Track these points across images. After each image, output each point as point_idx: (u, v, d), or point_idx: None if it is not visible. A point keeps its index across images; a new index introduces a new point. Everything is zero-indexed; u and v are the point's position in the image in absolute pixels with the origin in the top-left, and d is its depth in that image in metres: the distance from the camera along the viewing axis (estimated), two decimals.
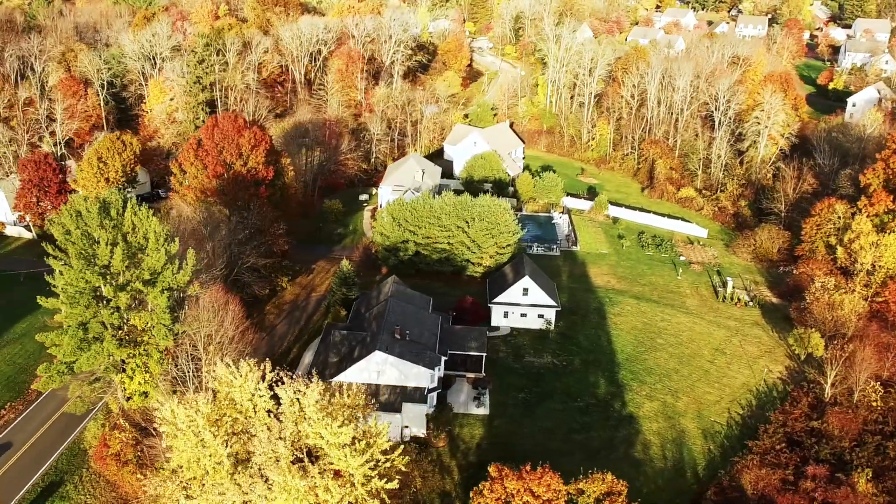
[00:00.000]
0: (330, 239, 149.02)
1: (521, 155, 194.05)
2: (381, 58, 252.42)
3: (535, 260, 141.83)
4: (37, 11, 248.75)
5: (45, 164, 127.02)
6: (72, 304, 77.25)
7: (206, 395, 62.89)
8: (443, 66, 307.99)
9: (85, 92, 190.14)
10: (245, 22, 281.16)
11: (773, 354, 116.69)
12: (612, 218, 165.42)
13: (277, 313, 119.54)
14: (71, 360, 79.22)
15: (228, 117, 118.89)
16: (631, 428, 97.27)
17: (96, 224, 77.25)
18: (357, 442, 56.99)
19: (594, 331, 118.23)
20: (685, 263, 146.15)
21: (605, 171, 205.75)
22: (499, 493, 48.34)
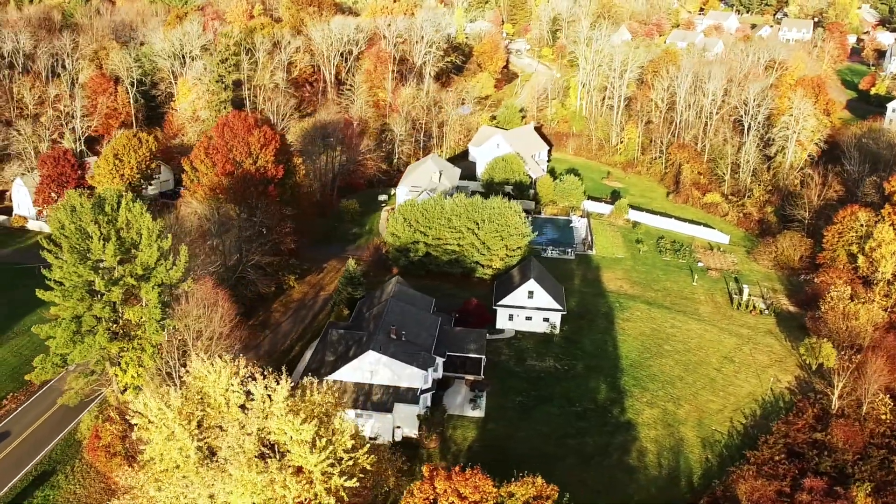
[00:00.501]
0: (345, 238, 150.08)
1: (546, 157, 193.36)
2: (413, 59, 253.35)
3: (549, 263, 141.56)
4: (74, 10, 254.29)
5: (64, 160, 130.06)
6: (65, 297, 79.05)
7: (178, 388, 63.85)
8: (477, 67, 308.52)
9: (115, 89, 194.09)
10: (279, 21, 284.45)
11: (783, 364, 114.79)
12: (633, 222, 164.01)
13: (284, 311, 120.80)
14: (65, 352, 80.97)
15: (239, 116, 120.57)
16: (628, 434, 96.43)
17: (90, 219, 78.94)
18: (318, 439, 57.42)
19: (601, 336, 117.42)
20: (702, 270, 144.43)
21: (632, 175, 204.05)
22: (427, 493, 48.37)
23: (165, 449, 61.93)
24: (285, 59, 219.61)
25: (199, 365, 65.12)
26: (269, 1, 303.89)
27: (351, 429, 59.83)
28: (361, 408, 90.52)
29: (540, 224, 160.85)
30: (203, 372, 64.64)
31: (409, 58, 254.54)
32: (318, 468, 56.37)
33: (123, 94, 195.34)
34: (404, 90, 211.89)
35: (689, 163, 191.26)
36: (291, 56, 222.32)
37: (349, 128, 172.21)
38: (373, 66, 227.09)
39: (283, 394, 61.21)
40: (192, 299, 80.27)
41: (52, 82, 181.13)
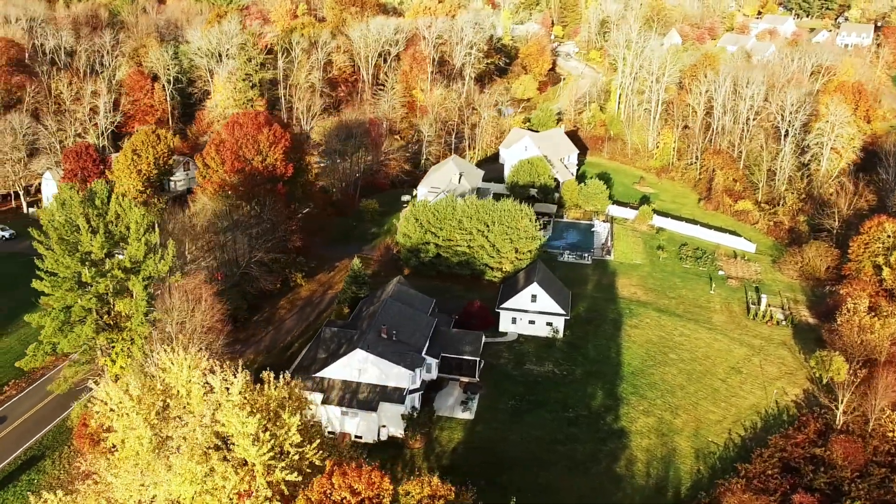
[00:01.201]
0: (363, 238, 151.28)
1: (576, 161, 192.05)
2: (453, 60, 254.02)
3: (565, 268, 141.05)
4: (121, 8, 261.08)
5: (86, 155, 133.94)
6: (53, 287, 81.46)
7: (139, 378, 65.47)
8: (522, 69, 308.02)
9: (152, 87, 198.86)
10: (323, 21, 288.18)
11: (793, 377, 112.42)
12: (657, 228, 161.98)
13: (290, 308, 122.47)
14: (54, 341, 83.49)
15: (249, 115, 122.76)
16: (619, 442, 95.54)
17: (79, 212, 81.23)
18: (262, 433, 58.30)
19: (605, 342, 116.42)
20: (723, 278, 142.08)
21: (666, 180, 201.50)
22: (325, 488, 48.71)
23: (126, 437, 63.53)
24: (322, 59, 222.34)
25: (163, 356, 66.60)
26: (313, 1, 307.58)
27: (296, 423, 60.34)
28: (347, 405, 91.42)
29: (561, 228, 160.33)
30: (167, 363, 66.06)
31: (448, 59, 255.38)
32: (259, 461, 57.27)
33: (160, 92, 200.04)
34: (436, 91, 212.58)
35: (723, 169, 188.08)
36: (329, 55, 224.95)
37: (374, 128, 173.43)
38: (408, 67, 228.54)
39: (239, 387, 62.26)
40: (176, 293, 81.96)
41: (88, 79, 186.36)
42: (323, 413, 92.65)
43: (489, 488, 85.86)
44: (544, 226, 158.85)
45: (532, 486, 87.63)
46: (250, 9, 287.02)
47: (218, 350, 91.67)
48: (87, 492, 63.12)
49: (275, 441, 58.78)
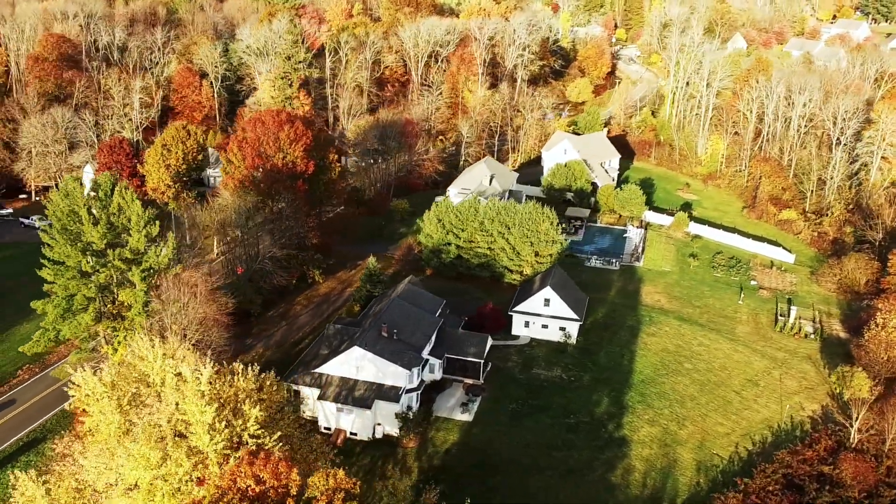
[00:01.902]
0: (391, 238, 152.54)
1: (616, 165, 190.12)
2: (505, 62, 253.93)
3: (591, 273, 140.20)
4: (179, 6, 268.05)
5: (120, 149, 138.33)
6: (56, 275, 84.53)
7: (113, 364, 67.58)
8: (580, 72, 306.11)
9: (200, 84, 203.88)
10: (378, 21, 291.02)
11: (813, 392, 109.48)
12: (693, 235, 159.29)
13: (306, 304, 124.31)
14: (56, 328, 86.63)
15: (271, 112, 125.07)
16: (618, 451, 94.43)
17: (81, 202, 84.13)
18: (218, 422, 59.60)
19: (619, 349, 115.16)
20: (754, 288, 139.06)
21: (712, 187, 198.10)
22: (235, 476, 49.38)
23: (101, 421, 65.65)
24: (370, 59, 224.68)
25: (140, 345, 68.61)
26: (370, 1, 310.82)
27: (256, 415, 61.46)
28: (343, 402, 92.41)
29: (594, 233, 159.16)
30: (143, 351, 68.04)
31: (500, 61, 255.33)
32: (211, 449, 58.59)
33: (208, 88, 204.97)
34: (478, 92, 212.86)
35: (770, 177, 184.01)
36: (377, 55, 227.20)
37: (410, 128, 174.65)
38: (456, 68, 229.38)
39: (206, 377, 63.74)
40: (171, 285, 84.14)
41: (136, 75, 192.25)
42: (319, 408, 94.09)
43: (478, 490, 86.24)
44: (576, 230, 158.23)
45: (522, 490, 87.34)
46: (306, 8, 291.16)
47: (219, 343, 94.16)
48: (60, 472, 65.36)
49: (231, 431, 60.02)
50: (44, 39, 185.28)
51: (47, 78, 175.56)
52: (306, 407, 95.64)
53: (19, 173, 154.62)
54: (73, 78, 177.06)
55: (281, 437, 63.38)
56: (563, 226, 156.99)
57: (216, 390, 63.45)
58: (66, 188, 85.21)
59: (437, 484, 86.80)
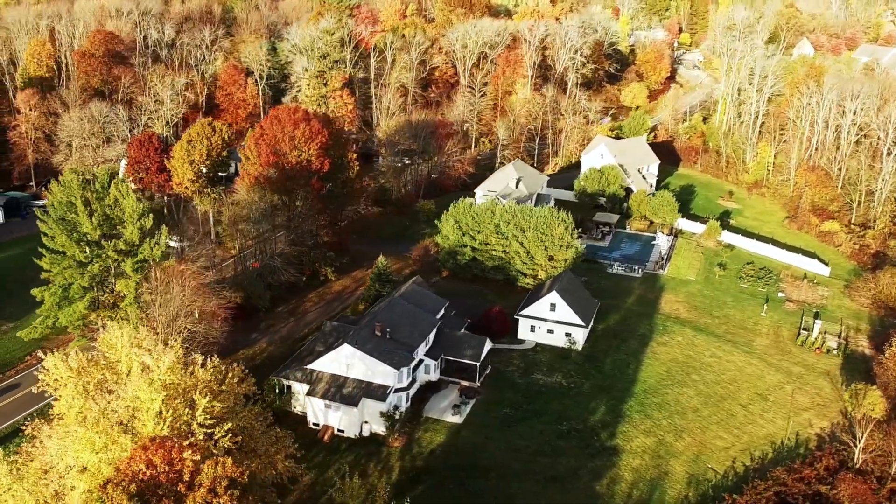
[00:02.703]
0: (415, 238, 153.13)
1: (655, 171, 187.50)
2: (556, 65, 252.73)
3: (612, 280, 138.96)
4: (234, 4, 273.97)
5: (149, 144, 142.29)
6: (53, 264, 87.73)
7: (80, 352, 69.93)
8: (637, 77, 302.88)
9: (245, 82, 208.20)
10: (432, 21, 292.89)
11: (825, 409, 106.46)
12: (725, 245, 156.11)
13: (317, 302, 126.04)
14: (53, 315, 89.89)
15: (287, 110, 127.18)
16: (607, 460, 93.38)
17: (78, 195, 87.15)
18: (165, 411, 61.19)
19: (625, 357, 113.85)
20: (781, 300, 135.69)
21: (756, 196, 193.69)
22: (132, 459, 50.37)
23: (67, 405, 68.06)
24: (415, 59, 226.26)
25: (111, 333, 70.86)
26: (424, 1, 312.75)
27: (205, 404, 62.82)
28: (331, 399, 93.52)
29: (621, 239, 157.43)
30: (113, 339, 70.27)
31: (551, 64, 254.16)
32: (153, 434, 60.16)
33: (252, 87, 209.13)
34: (519, 94, 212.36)
35: (816, 187, 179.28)
36: (422, 56, 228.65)
37: (443, 129, 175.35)
38: (501, 70, 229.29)
39: (165, 366, 65.51)
40: (159, 276, 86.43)
41: (182, 72, 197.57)
42: (308, 404, 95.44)
43: (459, 493, 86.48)
44: (602, 235, 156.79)
45: (504, 495, 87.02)
46: (361, 8, 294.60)
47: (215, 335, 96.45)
48: (29, 453, 67.95)
49: (178, 420, 61.55)
50: (92, 36, 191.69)
51: (94, 73, 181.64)
52: (297, 402, 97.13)
53: (57, 166, 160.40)
54: (120, 74, 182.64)
55: (238, 428, 64.79)
56: (590, 231, 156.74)
57: (174, 380, 65.03)
58: (65, 179, 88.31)
59: (418, 484, 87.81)
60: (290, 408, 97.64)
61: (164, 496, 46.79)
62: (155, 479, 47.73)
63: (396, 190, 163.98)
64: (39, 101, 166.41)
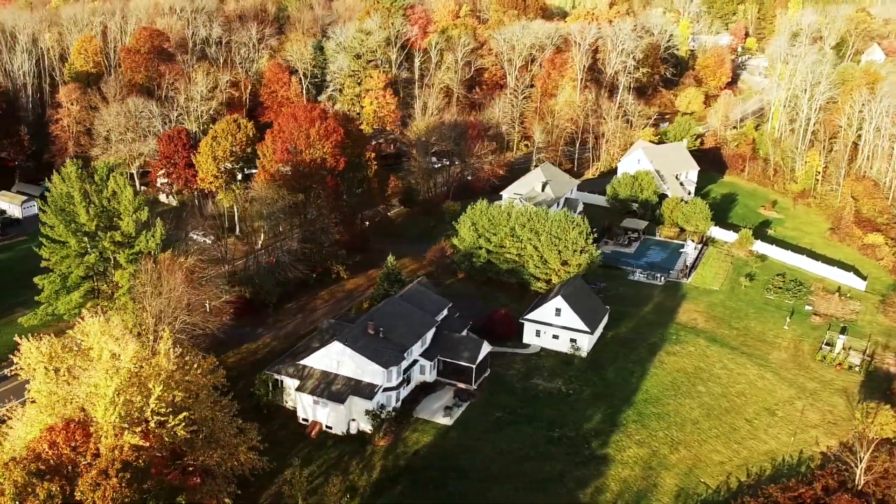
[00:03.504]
0: (437, 239, 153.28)
1: (694, 178, 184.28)
2: (606, 69, 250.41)
3: (632, 287, 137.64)
4: (289, 3, 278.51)
5: (178, 140, 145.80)
6: (51, 253, 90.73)
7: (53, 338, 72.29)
8: (695, 82, 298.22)
9: (289, 80, 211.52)
10: (486, 23, 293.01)
11: (835, 427, 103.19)
12: (759, 255, 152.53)
13: (328, 299, 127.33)
14: (51, 303, 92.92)
15: (304, 108, 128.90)
16: (595, 468, 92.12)
17: (77, 186, 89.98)
18: (117, 397, 62.77)
19: (631, 365, 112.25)
20: (807, 314, 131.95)
21: (801, 206, 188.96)
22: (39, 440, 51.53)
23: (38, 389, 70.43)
24: (461, 60, 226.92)
25: (86, 321, 73.06)
26: (479, 2, 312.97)
27: (158, 392, 64.26)
28: (319, 395, 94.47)
29: (648, 246, 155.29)
30: (87, 327, 72.44)
31: (602, 67, 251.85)
32: (105, 421, 61.79)
33: (296, 85, 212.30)
34: (560, 97, 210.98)
35: (864, 198, 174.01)
36: (469, 57, 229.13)
37: (473, 131, 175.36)
38: (547, 73, 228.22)
39: (129, 354, 67.29)
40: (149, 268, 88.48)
41: (225, 69, 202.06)
42: (298, 399, 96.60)
43: (437, 494, 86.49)
44: (630, 242, 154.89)
45: (482, 499, 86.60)
46: (415, 8, 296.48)
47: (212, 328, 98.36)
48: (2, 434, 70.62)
49: (131, 406, 63.11)
50: (138, 33, 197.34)
51: (138, 69, 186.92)
52: (288, 397, 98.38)
53: (94, 159, 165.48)
54: (164, 70, 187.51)
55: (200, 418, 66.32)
56: (617, 237, 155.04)
57: (134, 368, 66.70)
58: (64, 172, 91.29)
59: (397, 484, 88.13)
60: (283, 402, 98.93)
61: (63, 476, 48.29)
62: (58, 459, 49.21)
63: (424, 190, 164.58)
64: (81, 95, 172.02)
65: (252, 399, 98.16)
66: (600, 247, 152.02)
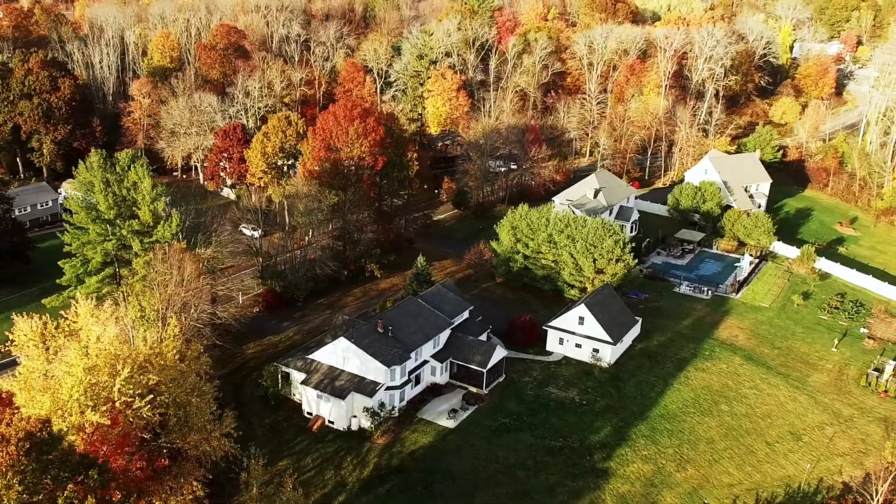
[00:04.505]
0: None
1: (765, 191, 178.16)
2: (692, 75, 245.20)
3: (676, 299, 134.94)
4: (376, 3, 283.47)
5: (233, 135, 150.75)
6: (73, 238, 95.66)
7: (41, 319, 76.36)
8: (794, 91, 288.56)
9: (363, 79, 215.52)
10: (574, 26, 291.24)
11: (865, 456, 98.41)
12: (820, 273, 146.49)
13: (360, 297, 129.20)
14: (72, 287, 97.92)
15: (344, 106, 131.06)
16: (592, 482, 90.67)
17: (99, 175, 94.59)
18: (84, 376, 65.80)
19: (654, 379, 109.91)
20: (861, 336, 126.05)
21: (883, 224, 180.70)
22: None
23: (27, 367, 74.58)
24: (538, 63, 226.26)
25: (79, 304, 76.92)
26: (569, 4, 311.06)
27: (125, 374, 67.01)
28: (322, 389, 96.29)
29: (703, 259, 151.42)
30: (80, 311, 76.31)
31: (689, 74, 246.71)
32: (70, 399, 64.88)
33: (371, 84, 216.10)
34: (632, 104, 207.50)
35: None
36: (546, 60, 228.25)
37: (532, 135, 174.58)
38: (624, 79, 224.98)
39: (108, 337, 70.57)
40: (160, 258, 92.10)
41: (300, 67, 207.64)
42: (303, 393, 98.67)
43: (420, 494, 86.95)
44: (682, 253, 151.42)
45: (462, 502, 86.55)
46: (503, 10, 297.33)
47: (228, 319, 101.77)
48: None
49: (97, 386, 66.08)
50: (215, 30, 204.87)
51: (213, 65, 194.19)
52: (295, 390, 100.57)
53: (160, 152, 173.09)
54: (238, 67, 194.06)
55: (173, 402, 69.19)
56: (670, 248, 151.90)
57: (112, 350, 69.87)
58: (88, 161, 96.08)
59: (385, 483, 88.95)
60: (290, 395, 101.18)
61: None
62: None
63: (477, 193, 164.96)
64: (152, 89, 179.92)
65: (259, 389, 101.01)
66: (651, 257, 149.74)
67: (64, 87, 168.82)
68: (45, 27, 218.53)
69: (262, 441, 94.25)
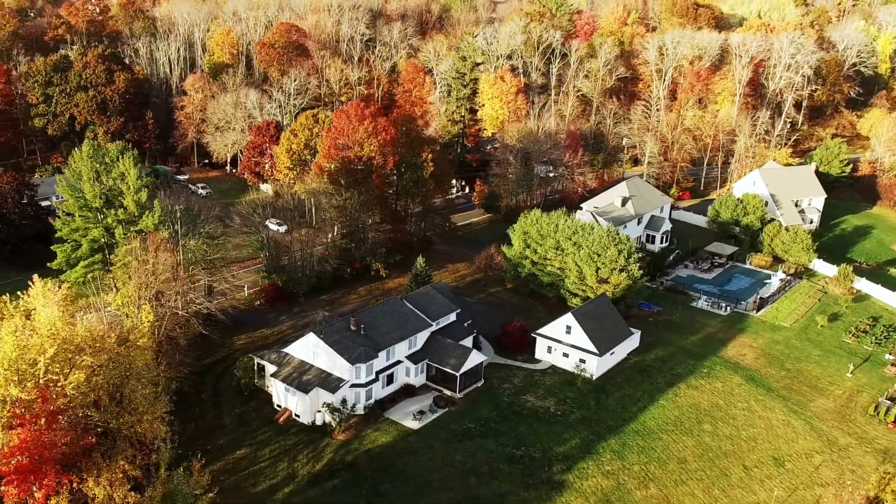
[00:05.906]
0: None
1: (819, 206, 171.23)
2: (769, 83, 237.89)
3: (689, 314, 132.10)
4: (452, 3, 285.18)
5: (266, 131, 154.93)
6: (63, 225, 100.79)
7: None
8: (891, 103, 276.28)
9: (424, 80, 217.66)
10: (653, 30, 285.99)
11: (852, 489, 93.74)
12: (858, 294, 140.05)
13: (364, 295, 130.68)
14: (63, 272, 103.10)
15: (356, 106, 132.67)
16: (545, 493, 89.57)
17: (88, 164, 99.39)
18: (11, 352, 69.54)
19: (639, 394, 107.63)
20: (884, 363, 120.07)
21: None
22: None
23: None
24: (602, 68, 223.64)
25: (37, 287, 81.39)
26: (651, 9, 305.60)
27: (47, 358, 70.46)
28: (288, 383, 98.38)
29: (733, 273, 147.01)
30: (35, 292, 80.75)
31: (766, 82, 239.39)
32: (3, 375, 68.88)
33: (431, 85, 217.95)
34: (687, 112, 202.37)
35: None
36: (610, 65, 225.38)
37: (569, 140, 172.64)
38: (689, 86, 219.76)
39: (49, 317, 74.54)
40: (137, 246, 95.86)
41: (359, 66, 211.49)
42: (273, 385, 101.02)
43: (367, 492, 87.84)
44: (711, 267, 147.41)
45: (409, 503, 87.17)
46: (582, 13, 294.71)
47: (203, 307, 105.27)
48: None
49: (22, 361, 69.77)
50: (276, 28, 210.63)
51: (271, 62, 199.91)
52: (268, 382, 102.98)
53: (206, 146, 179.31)
54: (297, 64, 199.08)
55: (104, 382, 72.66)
56: (698, 261, 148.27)
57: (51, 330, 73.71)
58: (81, 149, 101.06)
59: (334, 478, 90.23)
60: (265, 387, 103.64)
61: None
62: None
63: (509, 197, 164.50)
64: (205, 84, 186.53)
65: (233, 380, 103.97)
66: (677, 270, 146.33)
67: (119, 81, 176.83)
68: (122, 22, 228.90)
69: (227, 430, 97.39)
